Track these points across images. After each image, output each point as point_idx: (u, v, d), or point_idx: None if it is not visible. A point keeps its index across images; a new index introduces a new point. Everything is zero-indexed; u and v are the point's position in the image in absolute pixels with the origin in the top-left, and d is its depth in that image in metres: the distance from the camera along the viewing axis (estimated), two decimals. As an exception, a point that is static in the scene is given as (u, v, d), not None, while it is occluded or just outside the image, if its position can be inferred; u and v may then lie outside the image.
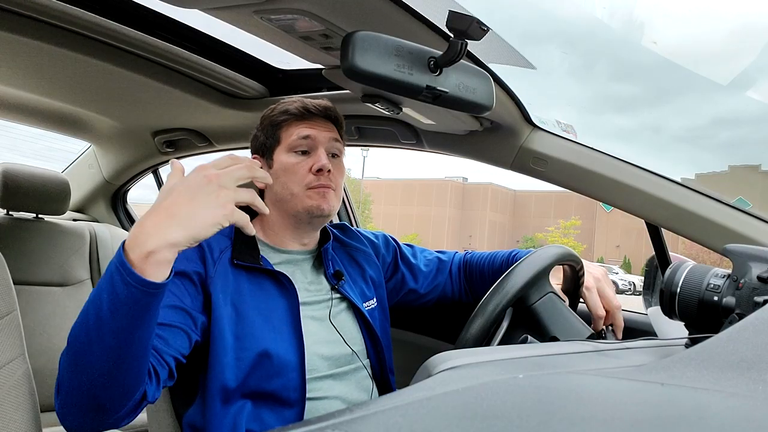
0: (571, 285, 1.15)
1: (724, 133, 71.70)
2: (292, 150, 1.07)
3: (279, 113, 1.10)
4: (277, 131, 1.10)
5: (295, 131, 1.08)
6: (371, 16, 0.86)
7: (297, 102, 1.10)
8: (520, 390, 0.40)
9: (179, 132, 1.93)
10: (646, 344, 0.72)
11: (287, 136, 1.08)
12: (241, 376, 0.97)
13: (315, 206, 1.05)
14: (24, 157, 15.46)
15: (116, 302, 0.70)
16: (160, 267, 0.71)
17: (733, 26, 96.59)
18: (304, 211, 1.06)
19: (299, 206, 1.06)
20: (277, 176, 1.08)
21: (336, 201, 1.09)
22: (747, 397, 0.37)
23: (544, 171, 1.26)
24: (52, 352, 1.84)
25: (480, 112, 0.91)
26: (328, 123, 1.11)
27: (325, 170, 1.05)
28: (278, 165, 1.08)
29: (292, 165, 1.07)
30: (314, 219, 1.08)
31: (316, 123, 1.09)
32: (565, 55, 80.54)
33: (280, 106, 1.11)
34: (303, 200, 1.06)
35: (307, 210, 1.06)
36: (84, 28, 1.16)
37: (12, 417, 0.86)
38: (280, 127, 1.10)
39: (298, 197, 1.06)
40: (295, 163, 1.07)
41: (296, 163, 1.07)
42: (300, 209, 1.06)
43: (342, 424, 0.31)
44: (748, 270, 0.71)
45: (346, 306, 1.13)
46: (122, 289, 0.69)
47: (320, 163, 1.05)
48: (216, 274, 0.99)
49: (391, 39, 0.76)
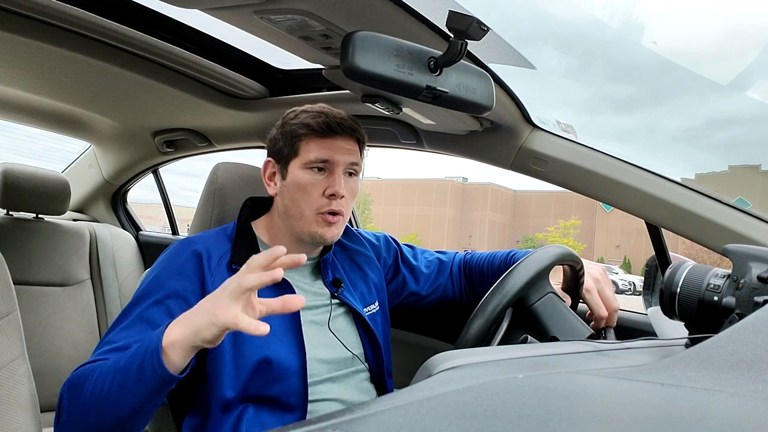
0: (571, 285, 1.15)
1: (719, 134, 71.79)
2: (309, 167, 1.04)
3: (301, 125, 1.05)
4: (296, 143, 1.05)
5: (315, 150, 1.03)
6: (371, 16, 0.86)
7: (320, 116, 1.05)
8: (520, 390, 0.40)
9: (179, 132, 1.93)
10: (646, 344, 0.72)
11: (306, 151, 1.04)
12: (240, 385, 0.97)
13: (319, 235, 1.04)
14: (24, 157, 15.43)
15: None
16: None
17: (733, 27, 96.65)
18: (308, 234, 1.05)
19: (305, 228, 1.05)
20: (289, 190, 1.06)
21: (342, 227, 1.08)
22: (747, 397, 0.37)
23: (544, 171, 1.26)
24: (52, 353, 1.84)
25: (480, 112, 0.91)
26: (350, 141, 1.07)
27: (338, 196, 1.03)
28: (292, 178, 1.05)
29: (306, 184, 1.04)
30: (317, 243, 1.08)
31: (337, 142, 1.05)
32: (564, 54, 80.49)
33: (303, 116, 1.06)
34: (310, 225, 1.04)
35: (311, 235, 1.05)
36: (84, 28, 1.16)
37: (12, 417, 0.86)
38: (300, 139, 1.05)
39: (305, 219, 1.04)
40: (309, 183, 1.03)
41: (310, 183, 1.03)
42: (305, 231, 1.05)
43: (342, 424, 0.31)
44: (748, 270, 0.71)
45: (345, 311, 1.12)
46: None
47: (334, 189, 1.03)
48: (215, 286, 0.98)
49: (391, 39, 0.75)
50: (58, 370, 1.82)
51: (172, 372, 0.78)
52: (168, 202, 2.53)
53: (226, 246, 1.05)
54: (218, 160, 1.33)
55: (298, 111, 1.08)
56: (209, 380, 0.97)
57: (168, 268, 1.00)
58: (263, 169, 1.12)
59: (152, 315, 0.94)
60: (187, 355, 0.79)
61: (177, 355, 0.78)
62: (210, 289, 0.98)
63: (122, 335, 0.92)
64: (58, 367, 1.83)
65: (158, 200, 2.53)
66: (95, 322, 2.01)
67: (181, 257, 1.02)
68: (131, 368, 0.80)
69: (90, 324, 1.99)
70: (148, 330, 0.92)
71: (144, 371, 0.78)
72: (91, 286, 2.05)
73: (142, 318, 0.94)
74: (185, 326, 0.79)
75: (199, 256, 1.02)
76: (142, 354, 0.80)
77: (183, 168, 65.09)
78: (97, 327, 2.01)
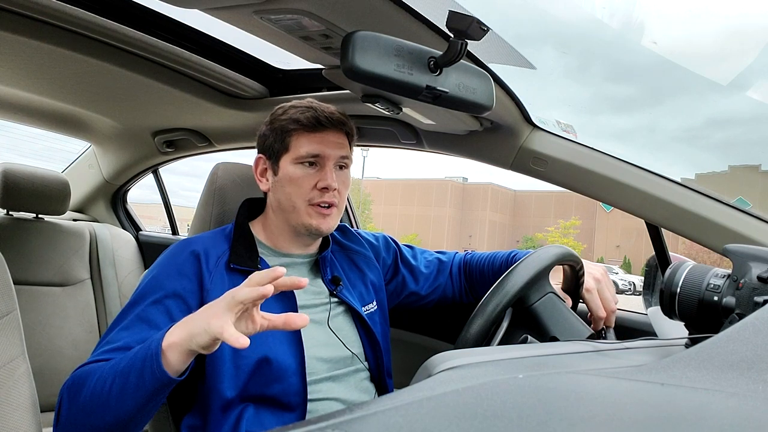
0: (572, 285, 1.15)
1: (719, 134, 71.79)
2: (300, 161, 1.05)
3: (290, 120, 1.06)
4: (286, 138, 1.06)
5: (305, 145, 1.05)
6: (371, 16, 0.86)
7: (309, 111, 1.05)
8: (520, 390, 0.40)
9: (179, 132, 1.93)
10: (646, 344, 0.72)
11: (296, 146, 1.05)
12: (240, 384, 0.97)
13: (314, 226, 1.05)
14: (24, 157, 15.42)
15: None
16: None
17: (733, 27, 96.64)
18: (303, 226, 1.06)
19: (299, 221, 1.06)
20: (281, 185, 1.07)
21: (337, 218, 1.09)
22: (747, 397, 0.37)
23: (544, 171, 1.26)
24: (52, 352, 1.84)
25: (480, 112, 0.91)
26: (340, 135, 1.08)
27: (330, 189, 1.04)
28: (283, 173, 1.06)
29: (297, 177, 1.05)
30: (313, 235, 1.08)
31: (327, 136, 1.06)
32: (564, 54, 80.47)
33: (292, 111, 1.07)
34: (304, 216, 1.05)
35: (306, 227, 1.06)
36: (84, 28, 1.16)
37: (12, 417, 0.86)
38: (290, 134, 1.06)
39: (299, 211, 1.05)
40: (301, 176, 1.05)
41: (302, 177, 1.05)
42: (300, 223, 1.06)
43: (342, 424, 0.31)
44: (748, 270, 0.71)
45: (344, 309, 1.12)
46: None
47: (326, 182, 1.04)
48: (213, 285, 0.99)
49: (391, 39, 0.75)
50: (58, 369, 1.82)
51: (170, 374, 0.79)
52: (168, 202, 2.53)
53: (224, 246, 1.06)
54: (218, 160, 1.33)
55: (287, 107, 1.09)
56: (209, 380, 0.97)
57: (167, 269, 1.01)
58: (254, 166, 1.13)
59: (151, 315, 0.94)
60: (185, 358, 0.80)
61: (175, 358, 0.79)
62: (208, 288, 0.99)
63: (122, 335, 0.92)
64: (58, 367, 1.83)
65: (158, 200, 2.53)
66: (95, 321, 2.02)
67: (180, 257, 1.02)
68: (131, 371, 0.80)
69: (90, 324, 1.99)
70: (148, 330, 0.92)
71: (144, 374, 0.79)
72: (90, 286, 2.05)
73: (141, 318, 0.94)
74: (183, 329, 0.80)
75: (197, 256, 1.02)
76: (142, 357, 0.80)
77: (183, 168, 65.14)
78: (96, 327, 2.01)
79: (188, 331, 0.79)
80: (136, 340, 0.90)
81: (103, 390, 0.81)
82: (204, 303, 0.97)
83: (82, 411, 0.83)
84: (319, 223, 1.05)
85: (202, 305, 0.98)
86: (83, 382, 0.84)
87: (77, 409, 0.83)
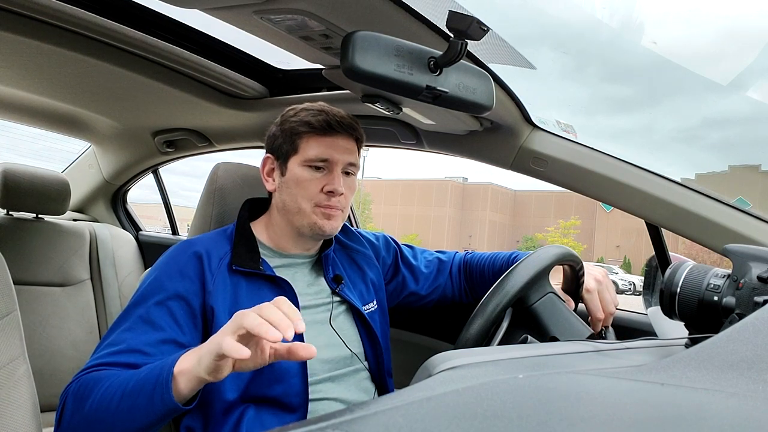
0: (572, 285, 1.15)
1: (719, 134, 71.80)
2: (308, 164, 1.05)
3: (301, 122, 1.06)
4: (296, 140, 1.06)
5: (315, 149, 1.05)
6: (371, 16, 0.86)
7: (321, 114, 1.06)
8: (520, 390, 0.40)
9: (179, 132, 1.93)
10: (646, 344, 0.72)
11: (305, 149, 1.05)
12: (241, 386, 0.97)
13: (319, 226, 1.05)
14: (24, 157, 15.46)
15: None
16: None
17: (732, 27, 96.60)
18: (307, 227, 1.06)
19: (304, 221, 1.06)
20: (287, 186, 1.07)
21: (341, 221, 1.09)
22: (747, 397, 0.37)
23: (544, 171, 1.26)
24: (52, 352, 1.84)
25: (480, 112, 0.91)
26: (350, 140, 1.08)
27: (337, 194, 1.05)
28: (291, 175, 1.06)
29: (305, 180, 1.05)
30: (316, 235, 1.08)
31: (336, 140, 1.06)
32: (563, 54, 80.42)
33: (303, 113, 1.07)
34: (309, 216, 1.05)
35: (310, 227, 1.06)
36: (84, 28, 1.16)
37: (12, 417, 0.86)
38: (300, 137, 1.06)
39: (304, 212, 1.05)
40: (308, 179, 1.05)
41: (309, 179, 1.05)
42: (304, 224, 1.06)
43: (342, 424, 0.31)
44: (748, 270, 0.71)
45: (345, 308, 1.12)
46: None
47: (333, 187, 1.04)
48: (215, 287, 0.99)
49: (391, 39, 0.75)
50: (58, 370, 1.82)
51: (179, 404, 0.79)
52: (168, 202, 2.53)
53: (226, 247, 1.06)
54: (218, 160, 1.33)
55: (298, 109, 1.09)
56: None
57: (169, 269, 1.00)
58: (262, 166, 1.13)
59: (154, 316, 0.94)
60: (193, 386, 0.80)
61: (184, 385, 0.79)
62: (211, 290, 0.99)
63: (125, 336, 0.92)
64: (58, 367, 1.83)
65: (158, 200, 2.53)
66: (95, 322, 2.01)
67: (182, 258, 1.02)
68: (141, 393, 0.80)
69: (90, 324, 1.99)
70: (151, 331, 0.92)
71: (153, 399, 0.79)
72: (90, 286, 2.05)
73: (144, 319, 0.94)
74: (193, 355, 0.80)
75: (199, 257, 1.02)
76: (153, 381, 0.80)
77: (183, 168, 65.15)
78: (96, 327, 2.01)
79: (197, 355, 0.78)
80: (139, 342, 0.90)
81: (110, 405, 0.81)
82: (207, 305, 0.98)
83: (86, 420, 0.83)
84: (323, 224, 1.05)
85: (205, 307, 0.98)
86: (89, 391, 0.84)
87: (81, 417, 0.83)
